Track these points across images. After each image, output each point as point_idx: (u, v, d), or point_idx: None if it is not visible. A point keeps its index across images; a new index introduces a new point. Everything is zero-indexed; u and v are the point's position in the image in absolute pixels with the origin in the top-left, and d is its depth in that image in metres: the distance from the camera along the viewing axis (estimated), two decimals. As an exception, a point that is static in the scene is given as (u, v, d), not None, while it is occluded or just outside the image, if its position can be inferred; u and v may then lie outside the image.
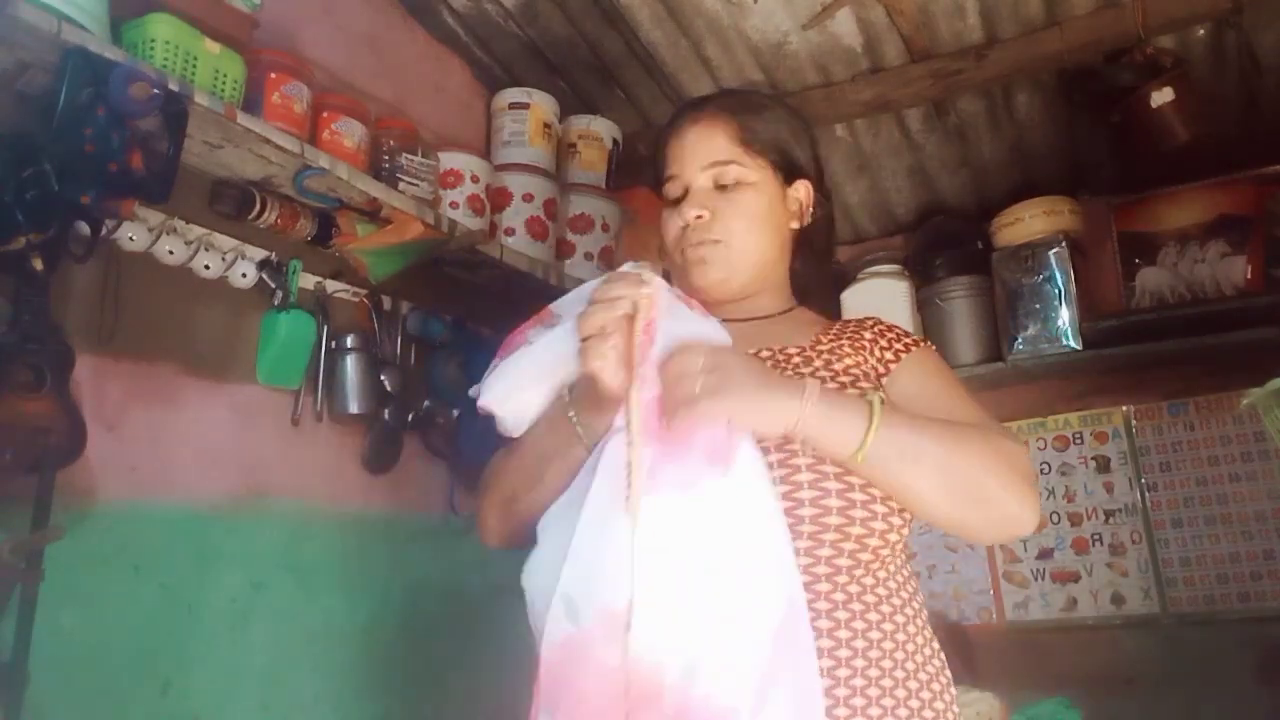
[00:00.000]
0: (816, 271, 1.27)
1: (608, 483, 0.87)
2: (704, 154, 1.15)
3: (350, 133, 1.86)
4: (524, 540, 0.97)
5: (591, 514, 0.86)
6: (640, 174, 2.76)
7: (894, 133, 2.73)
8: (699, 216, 1.13)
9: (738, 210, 1.14)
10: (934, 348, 1.20)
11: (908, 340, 1.17)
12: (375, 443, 2.02)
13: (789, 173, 1.19)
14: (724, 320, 1.17)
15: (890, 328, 1.19)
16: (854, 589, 0.99)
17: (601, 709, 0.81)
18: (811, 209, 1.22)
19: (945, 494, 0.95)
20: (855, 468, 0.94)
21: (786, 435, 0.91)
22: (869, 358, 1.13)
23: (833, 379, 1.08)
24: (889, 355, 1.14)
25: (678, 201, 1.16)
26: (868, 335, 1.16)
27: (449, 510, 2.21)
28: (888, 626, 0.99)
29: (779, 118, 1.21)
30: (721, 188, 1.14)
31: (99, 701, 1.46)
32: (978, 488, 0.96)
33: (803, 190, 1.21)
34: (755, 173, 1.15)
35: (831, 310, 1.37)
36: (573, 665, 0.83)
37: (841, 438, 0.91)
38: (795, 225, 1.21)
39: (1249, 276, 2.52)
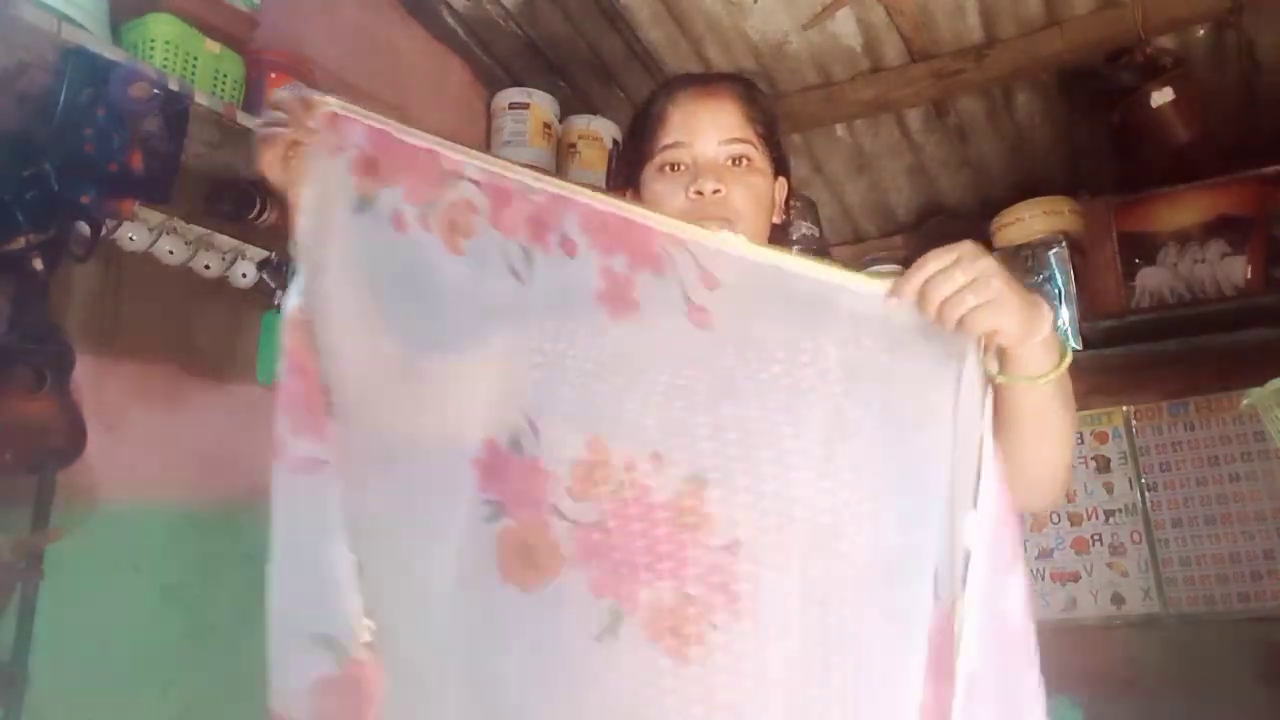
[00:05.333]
0: None
1: None
2: (720, 128, 1.12)
3: (350, 133, 1.86)
4: None
5: None
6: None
7: (894, 133, 2.73)
8: (717, 191, 1.09)
9: (749, 191, 1.11)
10: None
11: None
12: (375, 443, 2.02)
13: (777, 168, 1.19)
14: None
15: None
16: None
17: None
18: (784, 208, 1.22)
19: (1062, 456, 0.92)
20: (1021, 400, 0.86)
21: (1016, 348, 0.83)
22: None
23: None
24: None
25: (674, 168, 1.12)
26: None
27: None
28: None
29: (774, 111, 1.21)
30: (734, 164, 1.11)
31: (99, 701, 1.46)
32: (1066, 461, 0.94)
33: (778, 189, 1.20)
34: (761, 158, 1.14)
35: None
36: None
37: (1046, 357, 0.83)
38: (776, 220, 1.20)
39: (1249, 276, 2.52)
